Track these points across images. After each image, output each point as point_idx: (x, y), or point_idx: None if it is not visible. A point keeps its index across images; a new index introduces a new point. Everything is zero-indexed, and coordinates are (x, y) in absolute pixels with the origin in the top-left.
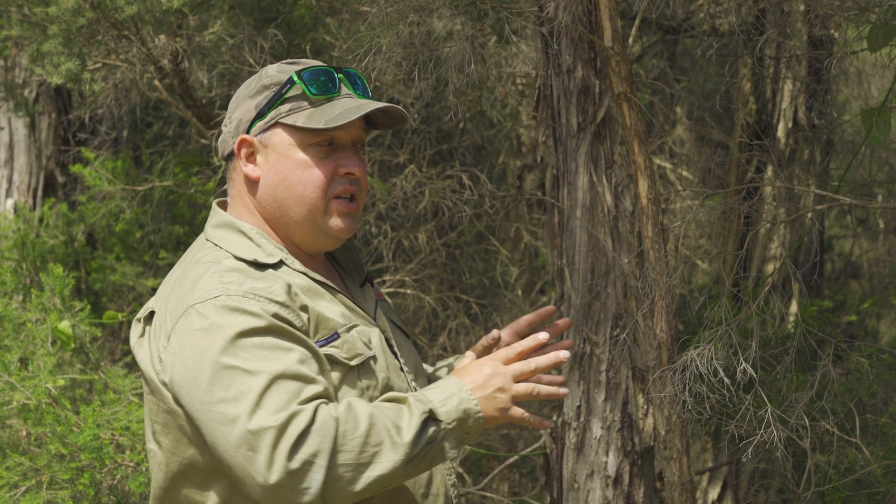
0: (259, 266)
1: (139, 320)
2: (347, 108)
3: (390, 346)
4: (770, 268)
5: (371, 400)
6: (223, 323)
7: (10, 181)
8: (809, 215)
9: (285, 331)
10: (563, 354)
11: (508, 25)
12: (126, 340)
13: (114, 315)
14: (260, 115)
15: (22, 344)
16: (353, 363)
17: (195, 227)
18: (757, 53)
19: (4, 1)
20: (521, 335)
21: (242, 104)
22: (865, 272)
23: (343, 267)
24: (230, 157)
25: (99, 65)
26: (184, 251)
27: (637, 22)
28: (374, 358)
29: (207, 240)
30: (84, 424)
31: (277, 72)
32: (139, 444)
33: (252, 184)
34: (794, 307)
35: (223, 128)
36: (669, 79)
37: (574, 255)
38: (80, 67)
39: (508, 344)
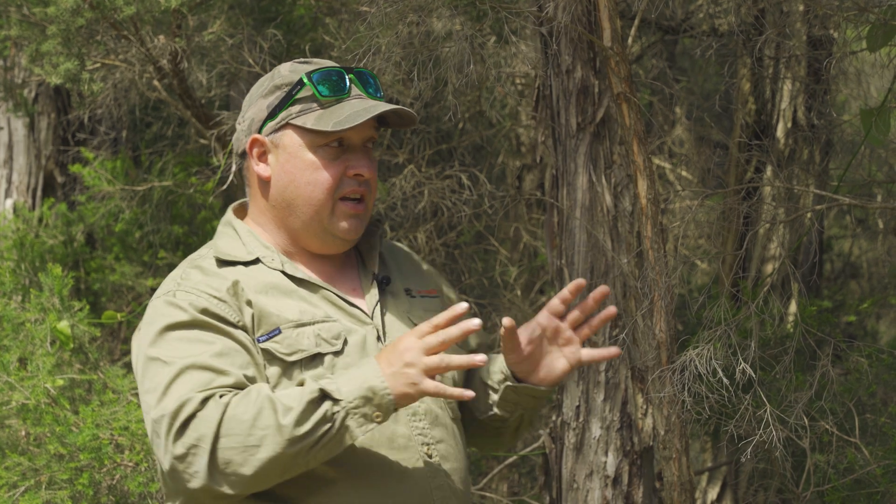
0: (227, 263)
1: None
2: (356, 109)
3: (382, 343)
4: (769, 268)
5: None
6: (157, 317)
7: (9, 181)
8: (809, 215)
9: (211, 325)
10: (475, 322)
11: (507, 25)
12: (125, 340)
13: (113, 315)
14: (271, 115)
15: (21, 344)
16: (290, 359)
17: (194, 227)
18: (756, 53)
19: (3, 1)
20: (560, 315)
21: (255, 103)
22: (865, 272)
23: (366, 265)
24: (243, 155)
25: (98, 65)
26: (183, 251)
27: (636, 22)
28: (336, 353)
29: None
30: (83, 424)
31: (289, 72)
32: (138, 444)
33: (263, 183)
34: (793, 307)
35: (237, 125)
36: (669, 79)
37: (573, 255)
38: (79, 67)
39: (548, 328)
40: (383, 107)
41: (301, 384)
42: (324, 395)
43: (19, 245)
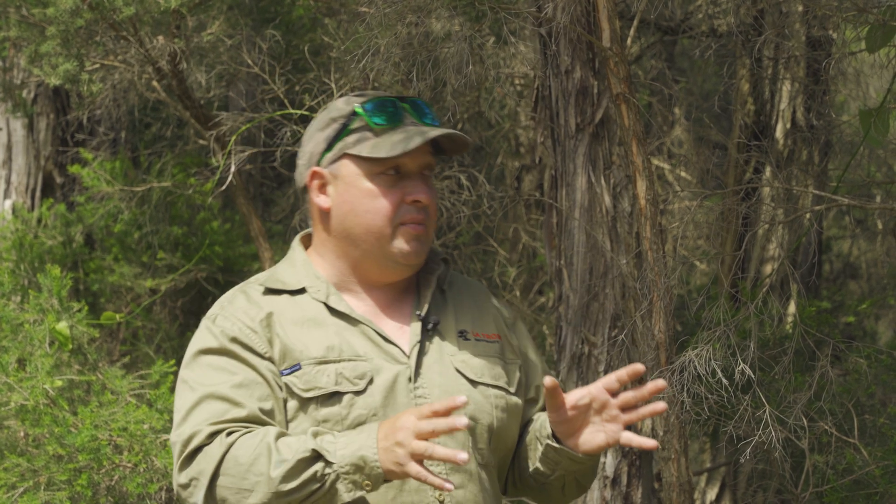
0: (273, 292)
1: None
2: (410, 135)
3: (412, 385)
4: (768, 268)
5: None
6: (197, 340)
7: (8, 182)
8: (808, 216)
9: (237, 355)
10: (462, 422)
11: (507, 26)
12: (124, 341)
13: (112, 316)
14: (328, 147)
15: (20, 345)
16: (306, 395)
17: (193, 228)
18: (755, 54)
19: (3, 2)
20: (612, 392)
21: (313, 137)
22: (864, 273)
23: (420, 301)
24: (305, 189)
25: (97, 66)
26: (182, 252)
27: (635, 23)
28: (357, 393)
29: None
30: (82, 425)
31: (344, 104)
32: (137, 444)
33: (323, 214)
34: (792, 308)
35: (298, 161)
36: (668, 79)
37: (572, 255)
38: (79, 68)
39: (597, 399)
40: (436, 132)
41: (312, 433)
42: (317, 456)
43: (18, 246)
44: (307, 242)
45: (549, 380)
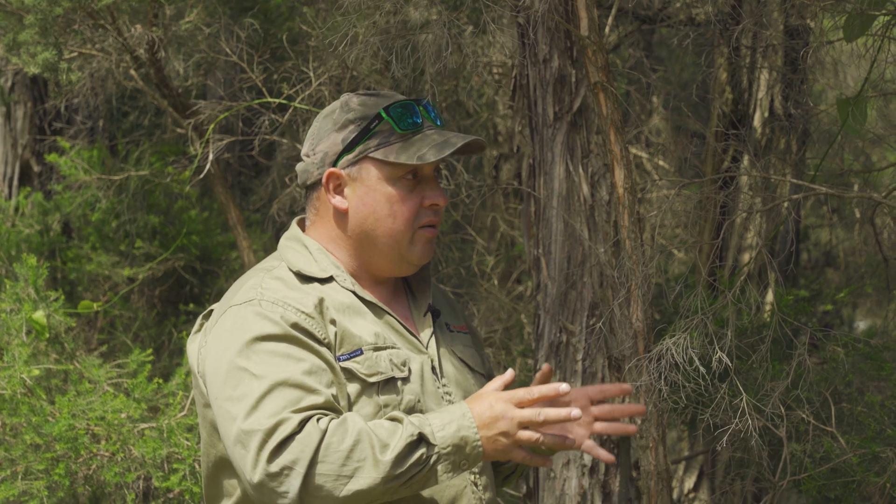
0: (307, 279)
1: (201, 318)
2: (435, 141)
3: (437, 375)
4: (746, 257)
5: None
6: (246, 326)
7: None
8: (785, 205)
9: (301, 341)
10: (575, 413)
11: (485, 14)
12: (102, 330)
13: (89, 305)
14: (347, 148)
15: None
16: (371, 380)
17: (171, 217)
18: (733, 43)
19: None
20: (594, 401)
21: (328, 137)
22: (841, 262)
23: (414, 294)
24: (314, 186)
25: (75, 54)
26: (159, 240)
27: (613, 11)
28: (404, 380)
29: (277, 250)
30: (59, 415)
31: (360, 105)
32: (114, 434)
33: (340, 214)
34: (770, 296)
35: (305, 157)
36: (646, 68)
37: (550, 244)
38: (57, 57)
39: (577, 401)
40: (462, 138)
41: (393, 419)
42: (421, 438)
43: None
44: (301, 228)
45: (547, 366)
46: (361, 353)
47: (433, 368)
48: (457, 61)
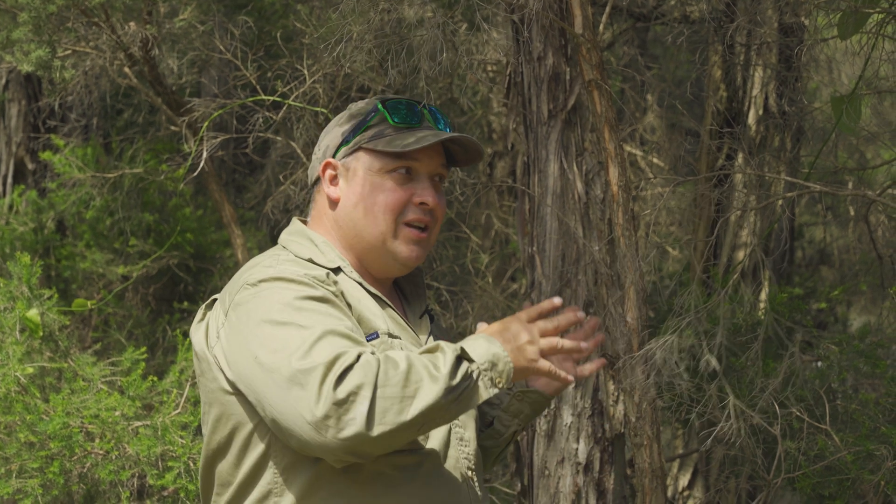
0: (318, 267)
1: (204, 307)
2: (426, 136)
3: None
4: (740, 255)
5: None
6: (279, 291)
7: None
8: (780, 202)
9: (338, 305)
10: (580, 314)
11: (479, 13)
12: (96, 328)
13: (83, 303)
14: (345, 140)
15: None
16: None
17: (165, 215)
18: (727, 41)
19: None
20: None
21: (331, 132)
22: (836, 259)
23: (407, 299)
24: (316, 181)
25: (69, 52)
26: (154, 238)
27: (608, 9)
28: None
29: (278, 244)
30: (53, 413)
31: (365, 104)
32: (109, 432)
33: (332, 204)
34: (764, 294)
35: (313, 156)
36: (640, 66)
37: (545, 242)
38: (51, 55)
39: None
40: (450, 134)
41: (430, 350)
42: (463, 355)
43: None
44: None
45: (558, 299)
46: (377, 336)
47: None
48: (451, 59)
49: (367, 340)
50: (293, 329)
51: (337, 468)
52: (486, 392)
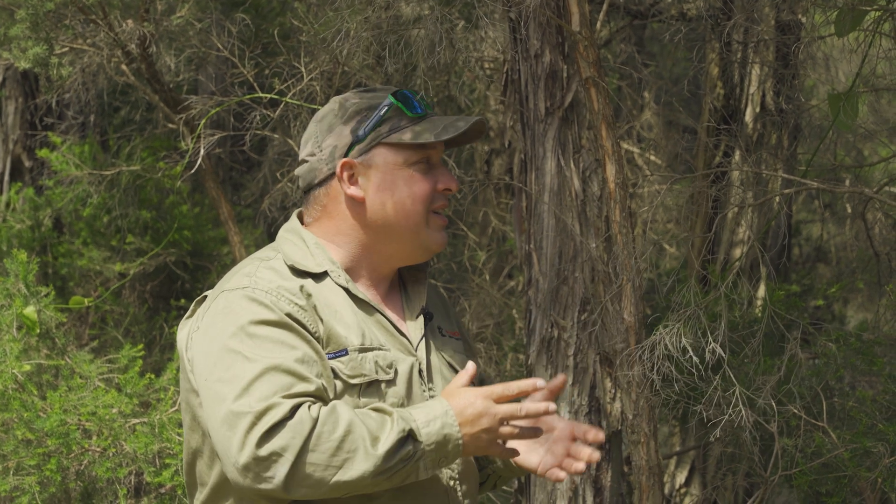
0: (300, 273)
1: (195, 304)
2: (446, 123)
3: (423, 378)
4: (738, 252)
5: None
6: (240, 310)
7: None
8: (777, 199)
9: (295, 329)
10: (552, 406)
11: (477, 9)
12: (93, 325)
13: (80, 300)
14: (358, 138)
15: None
16: (353, 381)
17: (162, 212)
18: (725, 38)
19: None
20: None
21: (334, 131)
22: (833, 256)
23: (409, 295)
24: (322, 183)
25: (66, 49)
26: (151, 236)
27: (605, 6)
28: (389, 382)
29: (276, 239)
30: (51, 410)
31: (361, 99)
32: (106, 429)
33: (356, 205)
34: (761, 291)
35: (309, 158)
36: (637, 63)
37: (542, 239)
38: (48, 52)
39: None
40: (471, 119)
41: (380, 410)
42: (409, 434)
43: None
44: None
45: (562, 376)
46: (346, 353)
47: (420, 371)
48: (449, 56)
49: (334, 357)
50: (239, 360)
51: None
52: (425, 473)
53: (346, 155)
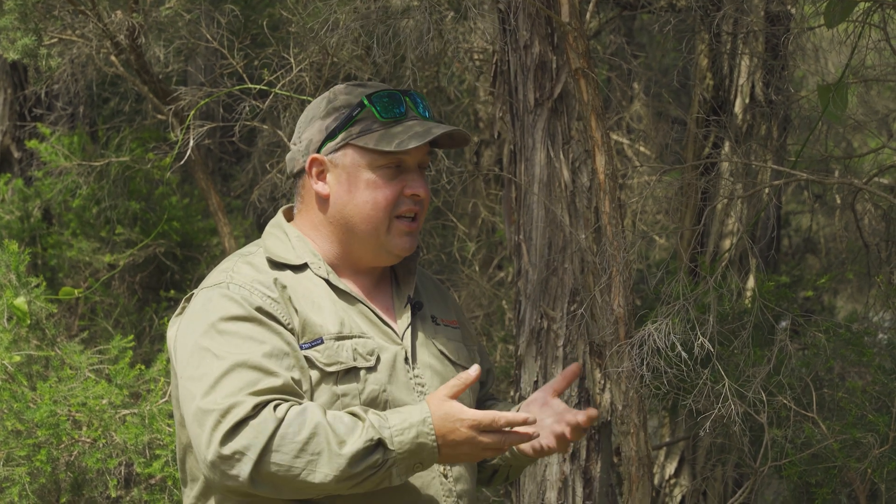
0: (279, 265)
1: (185, 300)
2: (416, 131)
3: (409, 365)
4: (727, 243)
5: (344, 407)
6: (212, 308)
7: None
8: (766, 191)
9: (264, 323)
10: (535, 431)
11: (466, 0)
12: (83, 316)
13: (70, 291)
14: (330, 135)
15: None
16: (329, 369)
17: (151, 203)
18: (714, 29)
19: None
20: (559, 392)
21: (312, 125)
22: (822, 248)
23: (400, 285)
24: (299, 174)
25: (55, 40)
26: (140, 227)
27: None
28: (369, 369)
29: (263, 235)
30: (41, 401)
31: (346, 94)
32: (96, 420)
33: (321, 200)
34: (751, 282)
35: (292, 146)
36: (627, 54)
37: (531, 230)
38: (37, 43)
39: (543, 401)
40: (442, 128)
41: (354, 415)
42: (379, 443)
43: None
44: (288, 217)
45: (575, 365)
46: (322, 342)
47: (406, 359)
48: (438, 47)
49: (309, 347)
50: (208, 357)
51: None
52: (399, 479)
53: (318, 150)
